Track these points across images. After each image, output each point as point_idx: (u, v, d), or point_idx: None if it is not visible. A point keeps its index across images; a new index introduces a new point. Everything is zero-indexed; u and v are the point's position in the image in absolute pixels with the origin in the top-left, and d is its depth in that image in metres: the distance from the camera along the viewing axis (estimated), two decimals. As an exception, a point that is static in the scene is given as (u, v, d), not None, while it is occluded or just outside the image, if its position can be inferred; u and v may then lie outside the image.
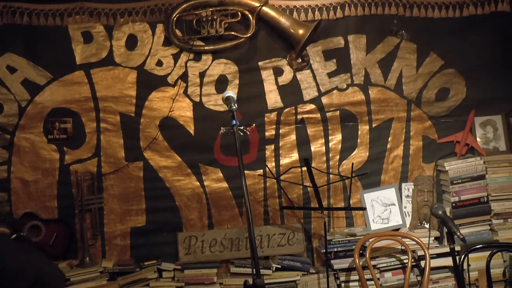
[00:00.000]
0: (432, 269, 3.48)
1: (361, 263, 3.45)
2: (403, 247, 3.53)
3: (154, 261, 3.52)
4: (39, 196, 3.57)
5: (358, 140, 3.82)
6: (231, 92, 2.47)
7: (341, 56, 3.77)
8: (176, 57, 3.67)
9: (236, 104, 2.39)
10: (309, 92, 3.77)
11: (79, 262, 3.51)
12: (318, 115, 3.78)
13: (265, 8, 3.61)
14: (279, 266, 3.55)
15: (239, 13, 3.59)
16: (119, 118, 3.64)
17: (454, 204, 3.69)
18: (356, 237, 3.60)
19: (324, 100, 3.78)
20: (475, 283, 3.55)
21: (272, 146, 3.76)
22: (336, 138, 3.80)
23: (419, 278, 3.55)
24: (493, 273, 3.31)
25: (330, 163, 3.80)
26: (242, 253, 3.57)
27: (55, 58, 3.58)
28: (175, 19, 3.58)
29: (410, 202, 3.79)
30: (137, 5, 3.62)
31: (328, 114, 3.79)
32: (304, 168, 3.65)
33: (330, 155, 3.80)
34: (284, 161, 3.77)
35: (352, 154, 3.81)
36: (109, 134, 3.64)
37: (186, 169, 3.68)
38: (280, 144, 3.77)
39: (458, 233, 2.69)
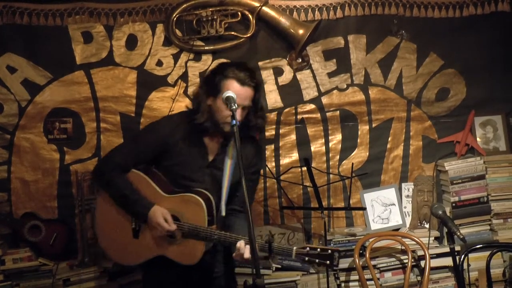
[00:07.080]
0: (432, 269, 3.48)
1: (361, 263, 3.45)
2: (403, 247, 3.53)
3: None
4: (39, 196, 3.57)
5: (358, 140, 3.82)
6: (231, 92, 2.45)
7: (341, 56, 3.77)
8: (176, 57, 3.66)
9: (236, 104, 2.38)
10: (309, 92, 3.77)
11: (79, 262, 3.50)
12: (318, 115, 3.78)
13: (265, 8, 3.61)
14: (279, 266, 3.54)
15: (239, 13, 3.58)
16: (119, 118, 3.64)
17: (454, 204, 3.69)
18: (356, 237, 3.60)
19: (324, 100, 3.78)
20: (475, 283, 3.55)
21: (272, 146, 3.76)
22: (336, 138, 3.80)
23: (419, 278, 3.55)
24: (493, 273, 3.31)
25: (330, 163, 3.80)
26: (242, 253, 3.56)
27: (55, 58, 3.57)
28: (175, 19, 3.58)
29: (410, 202, 3.79)
30: (137, 5, 3.62)
31: (328, 114, 3.78)
32: (304, 168, 3.65)
33: (330, 155, 3.80)
34: (284, 161, 3.77)
35: (352, 154, 3.81)
36: (109, 134, 3.63)
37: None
38: (280, 144, 3.77)
39: (458, 233, 2.68)
